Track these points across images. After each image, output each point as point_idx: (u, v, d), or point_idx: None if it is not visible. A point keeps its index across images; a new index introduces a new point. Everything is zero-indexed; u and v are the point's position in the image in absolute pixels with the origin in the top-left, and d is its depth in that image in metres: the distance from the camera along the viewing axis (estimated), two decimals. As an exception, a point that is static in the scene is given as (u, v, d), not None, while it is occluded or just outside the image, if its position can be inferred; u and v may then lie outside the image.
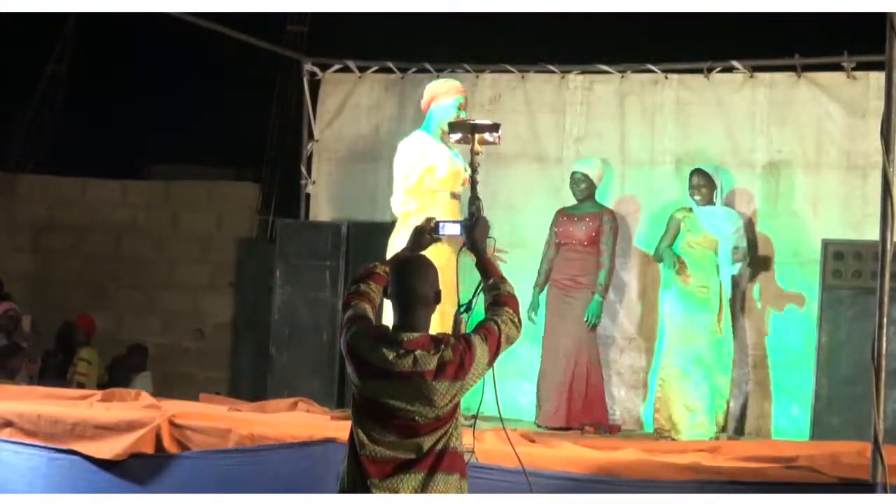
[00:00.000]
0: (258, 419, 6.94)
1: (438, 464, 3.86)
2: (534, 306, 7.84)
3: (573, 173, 7.92)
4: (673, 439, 7.39)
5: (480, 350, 3.87)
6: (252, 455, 6.26)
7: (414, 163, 6.56)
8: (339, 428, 6.60)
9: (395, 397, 3.82)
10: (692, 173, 7.77)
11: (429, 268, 4.03)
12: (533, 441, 6.36)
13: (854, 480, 5.24)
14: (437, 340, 3.87)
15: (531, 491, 4.52)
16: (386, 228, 7.03)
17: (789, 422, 7.97)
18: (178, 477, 6.36)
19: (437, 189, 6.58)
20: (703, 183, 7.69)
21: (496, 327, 3.94)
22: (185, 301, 10.94)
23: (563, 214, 7.95)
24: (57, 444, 6.61)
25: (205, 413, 6.99)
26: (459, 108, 6.71)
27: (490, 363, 3.92)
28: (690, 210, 7.73)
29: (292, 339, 8.80)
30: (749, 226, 7.95)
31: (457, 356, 3.82)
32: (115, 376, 10.23)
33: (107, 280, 11.06)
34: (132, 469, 6.44)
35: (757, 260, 7.97)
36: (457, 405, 3.92)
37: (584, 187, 7.85)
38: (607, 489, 5.50)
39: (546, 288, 7.90)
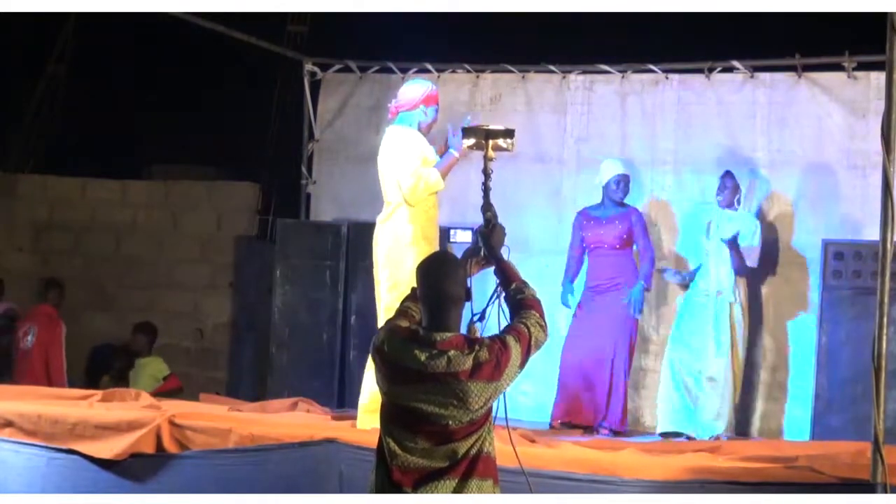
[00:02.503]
0: (258, 419, 6.94)
1: (473, 469, 3.77)
2: (565, 297, 7.72)
3: (614, 175, 7.79)
4: (676, 439, 7.39)
5: (515, 351, 3.80)
6: (252, 455, 6.26)
7: (419, 150, 6.57)
8: (339, 428, 6.61)
9: (428, 401, 3.73)
10: (724, 175, 7.76)
11: (457, 266, 3.96)
12: (533, 441, 6.36)
13: (854, 480, 5.24)
14: (471, 340, 3.79)
15: (531, 491, 4.51)
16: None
17: (789, 422, 7.97)
18: (178, 477, 6.36)
19: None
20: (729, 185, 7.71)
21: (526, 330, 3.87)
22: (185, 301, 10.92)
23: (588, 217, 7.83)
24: (57, 444, 6.61)
25: (205, 413, 6.99)
26: (437, 112, 6.78)
27: (521, 366, 3.84)
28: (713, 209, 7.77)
29: (292, 339, 8.80)
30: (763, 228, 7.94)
31: (493, 356, 3.75)
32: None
33: (107, 280, 11.05)
34: (132, 469, 6.44)
35: (765, 261, 7.97)
36: (490, 408, 3.84)
37: (624, 185, 7.80)
38: (607, 489, 5.50)
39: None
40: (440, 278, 3.88)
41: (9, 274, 10.69)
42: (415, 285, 4.03)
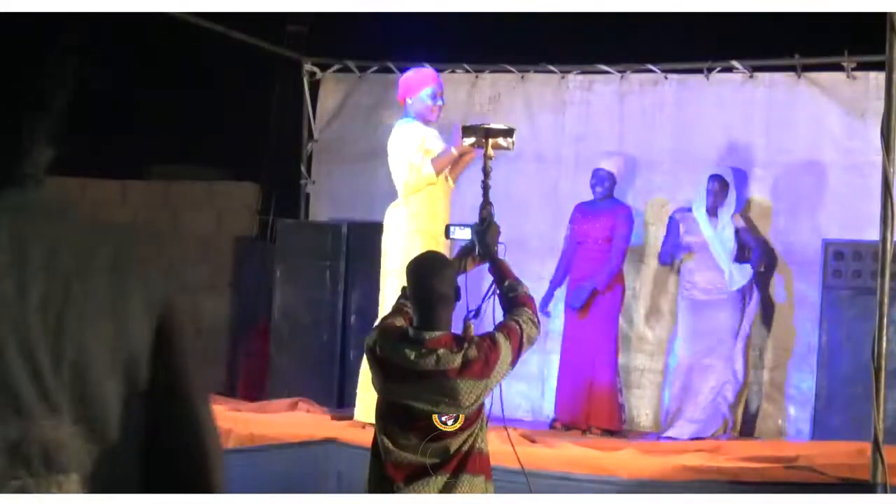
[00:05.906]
0: (258, 419, 6.95)
1: (464, 465, 3.81)
2: (545, 303, 7.70)
3: (597, 170, 7.84)
4: (675, 439, 7.39)
5: (505, 349, 3.84)
6: (252, 455, 6.27)
7: (416, 144, 6.59)
8: (339, 428, 6.62)
9: (420, 398, 3.78)
10: (711, 178, 7.72)
11: (446, 266, 4.01)
12: (533, 441, 6.37)
13: (854, 480, 5.24)
14: (460, 339, 3.84)
15: (531, 491, 4.52)
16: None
17: (789, 422, 7.97)
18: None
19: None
20: (717, 189, 7.67)
21: (518, 327, 3.90)
22: (185, 301, 10.88)
23: (581, 210, 7.86)
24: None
25: (205, 413, 6.99)
26: (434, 98, 6.75)
27: (513, 363, 3.88)
28: (689, 211, 7.73)
29: (292, 339, 8.79)
30: (748, 229, 7.92)
31: (482, 354, 3.79)
32: None
33: (107, 280, 11.04)
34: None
35: (760, 261, 7.97)
36: (482, 405, 3.87)
37: (608, 185, 7.80)
38: (607, 489, 5.51)
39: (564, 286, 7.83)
40: (429, 278, 3.93)
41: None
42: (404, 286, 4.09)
